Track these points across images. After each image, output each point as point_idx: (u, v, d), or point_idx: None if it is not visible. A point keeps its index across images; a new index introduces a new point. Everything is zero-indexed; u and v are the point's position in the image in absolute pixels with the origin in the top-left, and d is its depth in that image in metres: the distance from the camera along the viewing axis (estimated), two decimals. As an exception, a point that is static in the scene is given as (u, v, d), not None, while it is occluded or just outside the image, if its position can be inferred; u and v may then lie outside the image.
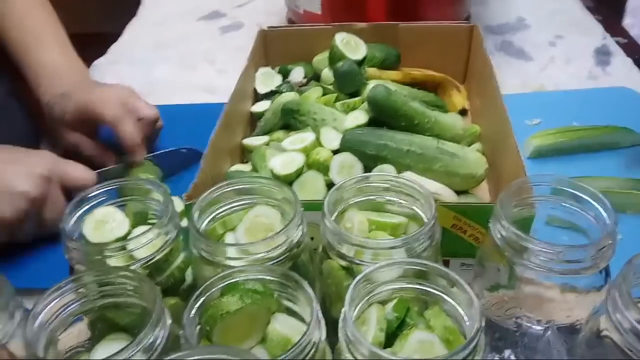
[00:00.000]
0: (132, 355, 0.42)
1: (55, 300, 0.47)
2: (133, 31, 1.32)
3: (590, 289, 0.52)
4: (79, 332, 0.51)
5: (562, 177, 0.55)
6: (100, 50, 1.21)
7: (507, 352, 0.58)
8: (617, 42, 1.15)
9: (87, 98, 0.83)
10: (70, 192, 0.75)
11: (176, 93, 1.06)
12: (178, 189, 0.66)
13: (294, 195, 0.54)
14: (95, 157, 0.86)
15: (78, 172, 0.76)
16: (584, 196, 0.53)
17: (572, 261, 0.49)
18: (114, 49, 1.23)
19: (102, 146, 0.87)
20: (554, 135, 0.86)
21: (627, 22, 2.40)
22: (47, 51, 0.90)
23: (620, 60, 1.09)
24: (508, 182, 0.55)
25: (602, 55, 1.10)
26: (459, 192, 0.74)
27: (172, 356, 0.37)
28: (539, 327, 0.55)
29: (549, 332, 0.55)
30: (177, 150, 0.88)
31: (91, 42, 1.17)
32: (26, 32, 0.91)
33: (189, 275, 0.58)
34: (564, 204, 0.55)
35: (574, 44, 1.13)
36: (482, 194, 0.78)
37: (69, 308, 0.47)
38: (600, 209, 0.52)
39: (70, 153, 0.84)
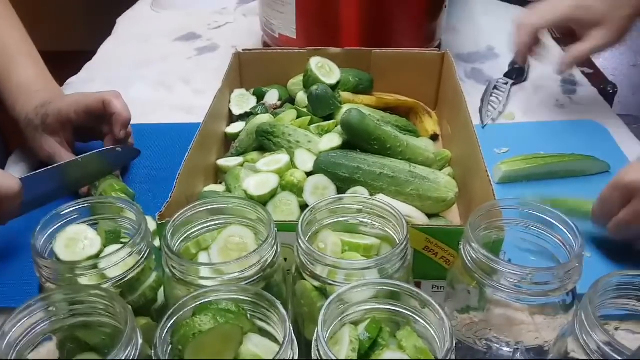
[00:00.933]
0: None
1: (25, 319, 0.46)
2: (108, 50, 1.31)
3: (559, 310, 0.53)
4: (48, 351, 0.50)
5: (530, 201, 0.56)
6: (74, 68, 1.20)
7: (476, 374, 0.58)
8: (583, 72, 1.19)
9: (68, 100, 0.87)
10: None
11: (152, 112, 1.06)
12: (151, 208, 0.66)
13: (268, 215, 0.54)
14: None
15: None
16: (551, 220, 0.55)
17: (540, 283, 0.50)
18: (89, 67, 1.22)
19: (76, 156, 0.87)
20: (522, 161, 0.88)
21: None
22: (23, 72, 0.91)
23: (586, 89, 1.12)
24: (478, 205, 0.56)
25: (569, 85, 1.14)
26: (430, 215, 0.76)
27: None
28: (508, 349, 0.56)
29: (518, 354, 0.56)
30: (112, 149, 0.86)
31: (65, 60, 1.17)
32: (1, 53, 0.91)
33: (160, 295, 0.58)
34: (532, 227, 0.56)
35: (542, 73, 1.17)
36: (453, 217, 0.80)
37: (39, 327, 0.47)
38: (567, 232, 0.54)
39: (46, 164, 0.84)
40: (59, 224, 0.55)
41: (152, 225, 0.64)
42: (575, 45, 0.94)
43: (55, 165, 0.80)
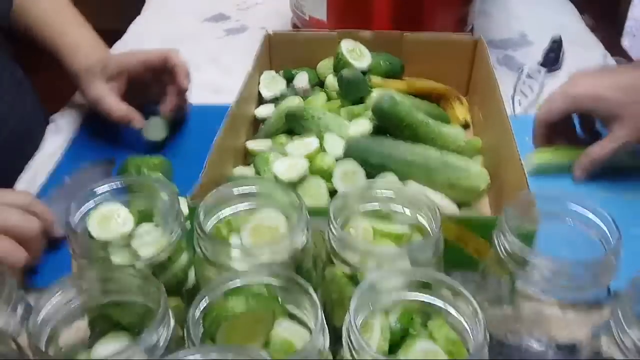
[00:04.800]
0: (134, 355, 0.42)
1: (58, 296, 0.46)
2: (137, 29, 1.31)
3: (592, 307, 0.53)
4: (78, 329, 0.51)
5: (568, 193, 0.55)
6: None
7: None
8: (617, 62, 1.16)
9: (128, 53, 0.93)
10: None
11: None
12: (180, 189, 0.66)
13: (300, 200, 0.54)
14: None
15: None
16: (588, 213, 0.54)
17: (574, 277, 0.49)
18: (118, 46, 1.22)
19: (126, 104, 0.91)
20: (555, 152, 0.87)
21: (625, 44, 2.43)
22: (79, 33, 0.96)
23: (621, 79, 1.10)
24: (509, 196, 0.55)
25: (604, 74, 1.11)
26: (459, 205, 0.75)
27: (183, 353, 0.36)
28: (539, 345, 0.56)
29: (549, 350, 0.55)
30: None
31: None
32: (55, 19, 0.96)
33: (191, 277, 0.58)
34: (567, 219, 0.55)
35: (575, 61, 1.14)
36: (483, 207, 0.79)
37: (71, 304, 0.47)
38: (604, 227, 0.53)
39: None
40: (93, 202, 0.55)
41: (183, 206, 0.64)
42: (594, 146, 0.83)
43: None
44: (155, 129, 0.90)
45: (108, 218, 0.55)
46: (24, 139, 0.96)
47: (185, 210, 0.59)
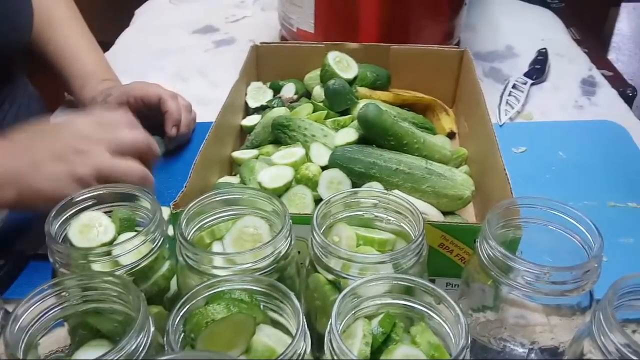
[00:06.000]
0: (113, 362, 0.41)
1: (37, 304, 0.46)
2: (126, 41, 1.32)
3: (575, 312, 0.53)
4: (59, 337, 0.50)
5: (550, 200, 0.55)
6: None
7: (489, 374, 0.57)
8: (603, 75, 1.17)
9: (131, 85, 0.95)
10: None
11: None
12: (164, 198, 0.66)
13: (283, 207, 0.54)
14: None
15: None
16: (570, 219, 0.54)
17: (558, 282, 0.49)
18: (107, 58, 1.22)
19: None
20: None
21: (612, 57, 2.46)
22: (88, 61, 1.00)
23: (606, 91, 1.11)
24: (495, 204, 0.55)
25: (588, 86, 1.12)
26: (445, 213, 0.75)
27: (158, 358, 0.36)
28: (522, 349, 0.56)
29: (533, 354, 0.55)
30: None
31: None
32: (71, 45, 1.00)
33: (173, 285, 0.57)
34: (550, 227, 0.55)
35: (561, 73, 1.15)
36: (468, 216, 0.79)
37: (51, 312, 0.47)
38: (586, 232, 0.53)
39: None
40: (74, 210, 0.55)
41: (166, 215, 0.64)
42: None
43: None
44: None
45: (89, 227, 0.55)
46: None
47: (167, 218, 0.59)
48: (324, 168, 0.75)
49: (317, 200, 0.72)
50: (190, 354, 0.36)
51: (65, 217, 0.54)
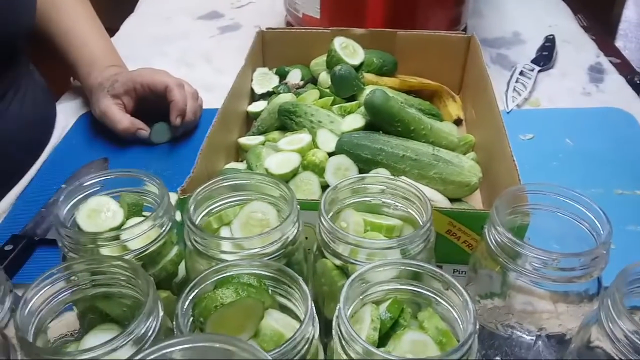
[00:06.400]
0: (122, 345, 0.41)
1: (47, 288, 0.46)
2: (130, 26, 1.31)
3: (583, 299, 0.53)
4: (68, 321, 0.51)
5: (558, 186, 0.55)
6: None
7: None
8: (610, 62, 1.16)
9: (138, 72, 0.94)
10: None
11: (173, 90, 1.05)
12: (172, 184, 0.66)
13: (290, 192, 0.54)
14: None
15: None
16: (579, 205, 0.54)
17: (566, 269, 0.49)
18: (111, 43, 1.22)
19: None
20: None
21: (619, 44, 2.44)
22: (96, 47, 1.00)
23: (614, 78, 1.10)
24: (502, 191, 0.55)
25: (596, 73, 1.11)
26: (452, 200, 0.75)
27: (168, 342, 0.36)
28: (530, 336, 0.56)
29: (540, 341, 0.55)
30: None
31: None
32: (79, 30, 1.00)
33: (181, 270, 0.58)
34: (558, 213, 0.55)
35: (568, 60, 1.15)
36: (475, 203, 0.79)
37: (60, 296, 0.47)
38: (595, 219, 0.53)
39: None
40: (82, 195, 0.55)
41: (173, 200, 0.64)
42: None
43: None
44: (159, 134, 0.94)
45: (97, 211, 0.55)
46: (41, 133, 0.98)
47: (174, 203, 0.59)
48: (330, 154, 0.75)
49: (324, 187, 0.72)
50: (200, 337, 0.36)
51: (73, 202, 0.54)
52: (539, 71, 1.10)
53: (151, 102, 0.93)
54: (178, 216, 0.58)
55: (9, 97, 0.90)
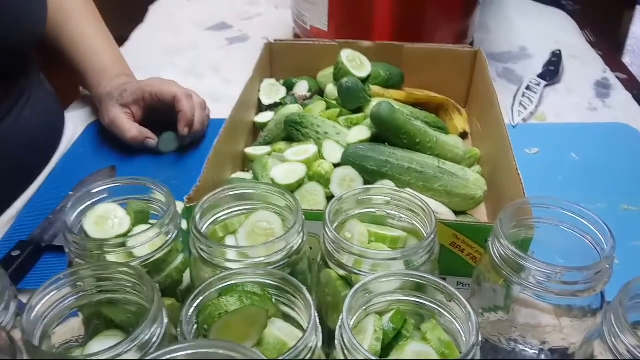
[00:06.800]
0: (127, 351, 0.42)
1: (52, 293, 0.46)
2: (140, 37, 1.32)
3: (586, 313, 0.53)
4: (73, 327, 0.51)
5: (562, 200, 0.55)
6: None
7: (499, 373, 0.58)
8: (617, 77, 1.17)
9: (147, 81, 0.96)
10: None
11: (181, 99, 1.06)
12: (178, 193, 0.67)
13: (295, 202, 0.54)
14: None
15: None
16: (583, 220, 0.54)
17: (569, 282, 0.49)
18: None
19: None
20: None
21: (626, 60, 2.44)
22: (104, 57, 1.01)
23: (620, 93, 1.11)
24: (507, 204, 0.55)
25: (602, 88, 1.12)
26: (457, 213, 0.75)
27: (171, 347, 0.36)
28: (533, 350, 0.56)
29: (543, 355, 0.55)
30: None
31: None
32: (89, 40, 1.01)
33: (186, 278, 0.58)
34: (562, 227, 0.55)
35: (575, 75, 1.15)
36: (480, 216, 0.79)
37: (65, 301, 0.47)
38: (599, 234, 0.53)
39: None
40: (90, 202, 0.55)
41: (179, 209, 0.65)
42: None
43: None
44: (167, 143, 0.94)
45: (104, 218, 0.55)
46: (49, 140, 0.99)
47: (181, 211, 0.59)
48: (336, 165, 0.75)
49: (329, 197, 0.72)
50: (204, 344, 0.36)
51: (81, 208, 0.55)
52: (546, 86, 1.10)
53: (159, 112, 0.94)
54: (184, 224, 0.58)
55: (20, 105, 0.91)
